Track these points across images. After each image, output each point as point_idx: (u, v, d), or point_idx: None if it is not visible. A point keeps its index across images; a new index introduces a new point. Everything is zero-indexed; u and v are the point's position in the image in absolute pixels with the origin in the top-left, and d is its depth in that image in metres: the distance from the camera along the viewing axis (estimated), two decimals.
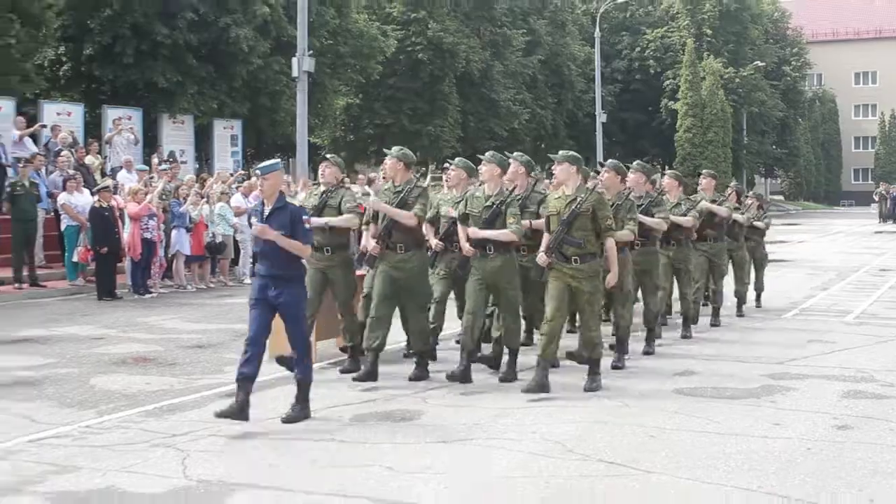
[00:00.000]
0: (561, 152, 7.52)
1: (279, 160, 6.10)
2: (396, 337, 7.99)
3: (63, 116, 19.99)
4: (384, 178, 8.57)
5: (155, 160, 18.33)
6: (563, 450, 5.50)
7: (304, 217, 6.13)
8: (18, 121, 17.87)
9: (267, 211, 6.12)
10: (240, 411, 5.85)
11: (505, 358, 7.57)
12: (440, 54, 32.57)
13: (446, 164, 9.23)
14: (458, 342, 8.13)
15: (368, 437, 5.74)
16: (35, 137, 18.13)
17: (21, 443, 5.57)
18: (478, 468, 5.09)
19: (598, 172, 10.22)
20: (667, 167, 44.38)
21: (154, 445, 5.47)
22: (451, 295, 8.41)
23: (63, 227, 14.36)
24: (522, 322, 8.05)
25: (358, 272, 7.96)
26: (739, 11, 48.75)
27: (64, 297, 13.36)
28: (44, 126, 18.30)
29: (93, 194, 13.86)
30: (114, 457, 5.26)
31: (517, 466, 5.17)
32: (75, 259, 13.78)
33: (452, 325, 8.47)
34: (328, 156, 8.26)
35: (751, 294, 12.09)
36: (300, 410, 6.08)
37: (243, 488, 4.80)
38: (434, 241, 7.71)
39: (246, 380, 5.92)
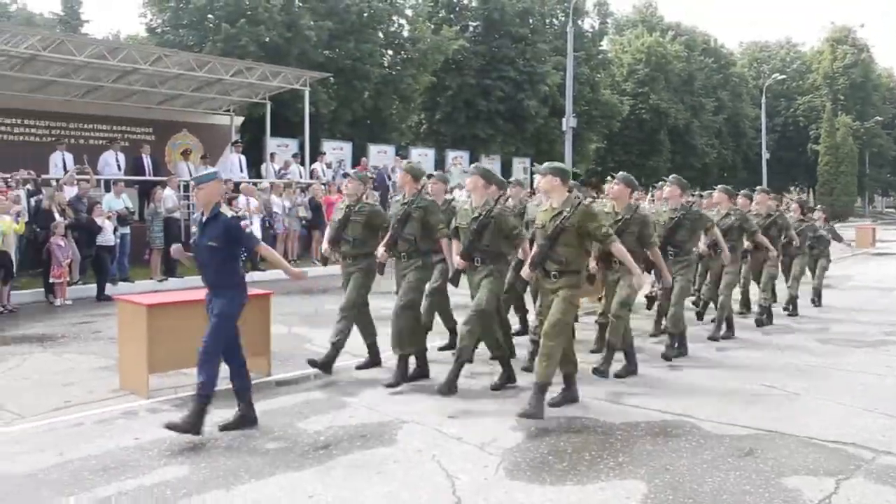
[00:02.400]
0: (546, 163, 6.51)
1: (217, 170, 5.92)
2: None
3: (422, 157, 26.86)
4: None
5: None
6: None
7: (242, 223, 5.82)
8: (396, 159, 22.76)
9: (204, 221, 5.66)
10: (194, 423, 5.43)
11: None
12: (657, 115, 44.42)
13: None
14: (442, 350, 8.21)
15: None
16: None
17: None
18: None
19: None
20: (799, 191, 58.56)
21: None
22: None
23: None
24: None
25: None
26: (864, 83, 62.04)
27: None
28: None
29: None
30: None
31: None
32: None
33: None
34: (350, 172, 8.28)
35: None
36: (241, 418, 5.73)
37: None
38: (457, 260, 6.87)
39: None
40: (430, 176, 8.63)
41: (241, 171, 18.99)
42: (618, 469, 5.02)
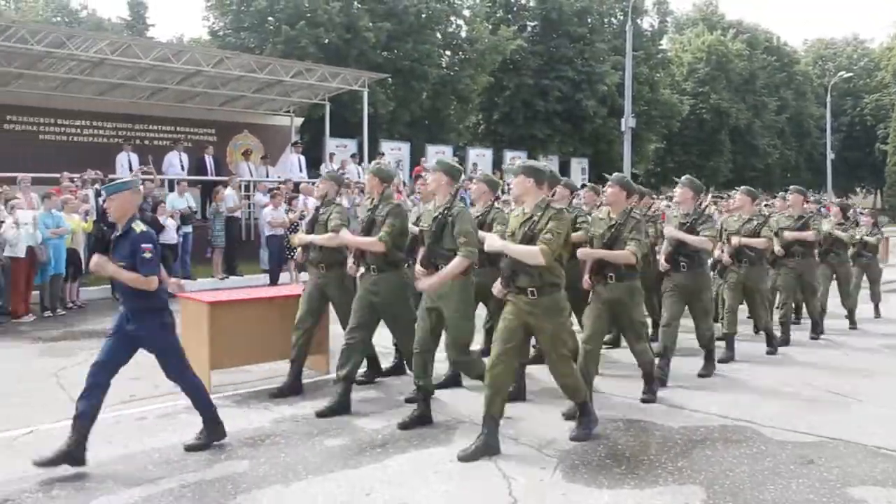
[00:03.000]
0: (518, 162, 5.79)
1: (133, 179, 5.06)
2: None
3: (480, 157, 26.93)
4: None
5: None
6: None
7: (144, 245, 4.91)
8: (454, 159, 23.54)
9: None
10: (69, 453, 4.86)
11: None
12: (718, 114, 43.05)
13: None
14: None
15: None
16: None
17: None
18: None
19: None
20: (865, 192, 56.63)
21: None
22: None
23: None
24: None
25: None
26: None
27: None
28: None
29: None
30: None
31: None
32: None
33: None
34: (323, 171, 7.10)
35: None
36: (205, 437, 5.31)
37: None
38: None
39: (82, 417, 4.96)
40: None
41: (301, 170, 19.22)
42: (676, 473, 4.96)
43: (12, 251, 10.90)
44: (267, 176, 18.43)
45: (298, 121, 22.99)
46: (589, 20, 35.71)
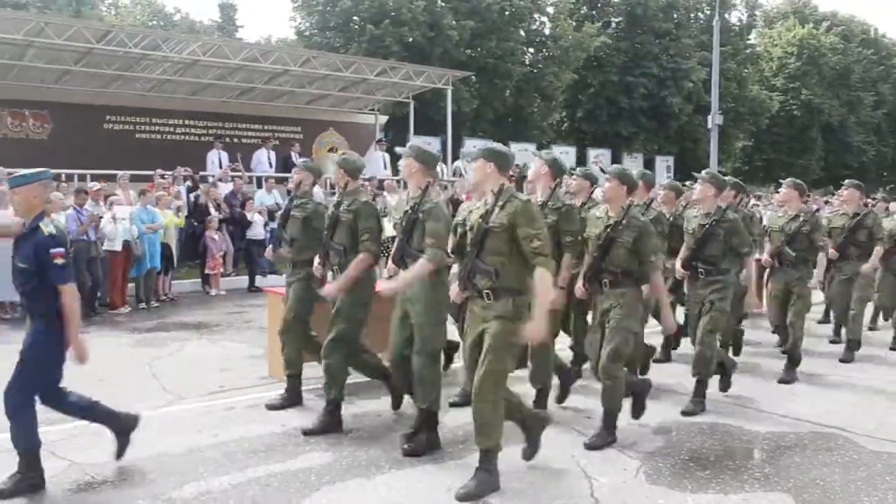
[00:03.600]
0: (477, 147, 5.31)
1: (43, 171, 4.55)
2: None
3: (564, 154, 26.07)
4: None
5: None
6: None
7: (54, 251, 4.30)
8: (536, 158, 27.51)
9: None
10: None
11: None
12: (809, 111, 40.69)
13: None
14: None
15: None
16: None
17: None
18: None
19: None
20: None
21: None
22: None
23: None
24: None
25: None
26: None
27: None
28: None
29: None
30: None
31: None
32: None
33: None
34: (300, 161, 6.64)
35: None
36: (18, 481, 4.39)
37: None
38: (389, 266, 5.50)
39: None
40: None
41: (385, 168, 19.43)
42: (763, 480, 4.84)
43: (110, 245, 11.34)
44: None
45: (383, 119, 23.25)
46: (675, 15, 34.91)
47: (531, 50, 31.33)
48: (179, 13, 44.16)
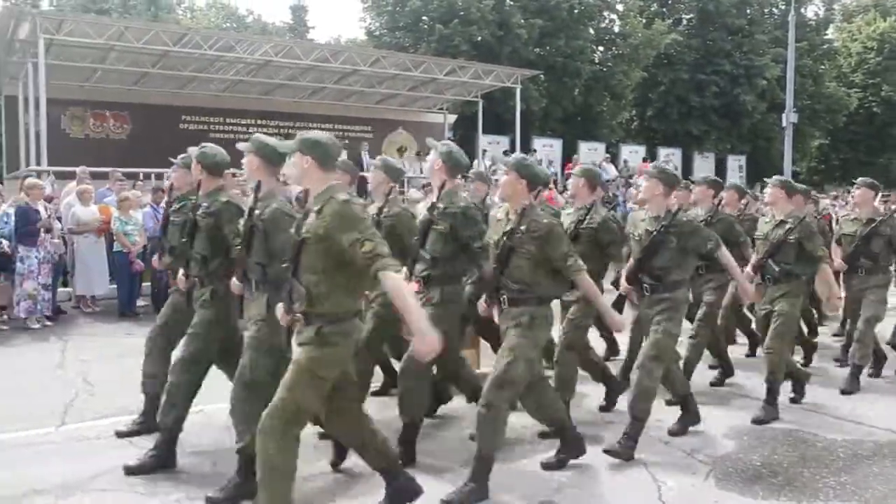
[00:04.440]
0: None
1: None
2: None
3: (633, 154, 27.03)
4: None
5: None
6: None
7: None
8: (605, 156, 24.09)
9: None
10: None
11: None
12: (890, 108, 38.83)
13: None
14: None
15: None
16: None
17: None
18: None
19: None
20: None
21: None
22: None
23: None
24: None
25: None
26: None
27: None
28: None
29: None
30: None
31: None
32: None
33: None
34: (180, 157, 5.62)
35: None
36: None
37: None
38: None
39: None
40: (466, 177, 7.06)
41: None
42: (839, 489, 4.73)
43: None
44: (420, 172, 18.81)
45: (452, 118, 23.38)
46: (748, 11, 34.23)
47: (600, 48, 31.18)
48: (252, 15, 45.20)
